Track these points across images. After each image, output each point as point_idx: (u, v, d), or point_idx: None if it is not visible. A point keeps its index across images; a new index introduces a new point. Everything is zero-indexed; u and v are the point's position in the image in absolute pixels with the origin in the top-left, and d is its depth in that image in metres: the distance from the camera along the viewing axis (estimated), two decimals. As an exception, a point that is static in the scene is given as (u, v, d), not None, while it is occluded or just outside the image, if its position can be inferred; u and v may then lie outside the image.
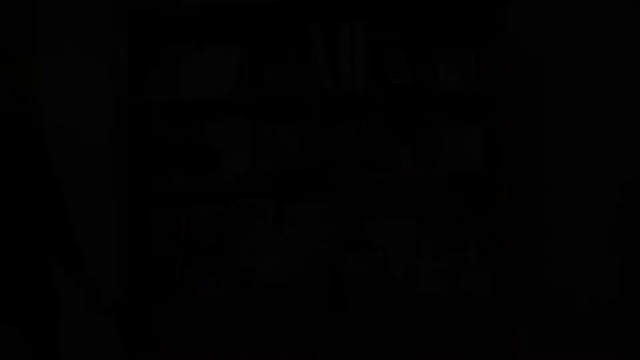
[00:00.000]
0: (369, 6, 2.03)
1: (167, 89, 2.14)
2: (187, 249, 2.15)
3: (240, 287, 2.05)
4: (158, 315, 1.95)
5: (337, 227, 2.32)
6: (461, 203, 2.31)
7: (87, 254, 2.32)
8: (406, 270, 2.22)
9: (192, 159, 2.34)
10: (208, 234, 2.18)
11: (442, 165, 2.28)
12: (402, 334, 1.91)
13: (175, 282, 2.06)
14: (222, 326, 1.94)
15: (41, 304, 1.61)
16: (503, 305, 1.93)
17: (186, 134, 2.39)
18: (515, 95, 2.35)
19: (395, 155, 2.31)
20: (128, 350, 1.91)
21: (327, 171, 2.19)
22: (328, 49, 2.14)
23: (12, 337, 1.54)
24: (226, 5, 2.02)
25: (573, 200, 2.40)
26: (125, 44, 2.07)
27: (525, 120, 2.39)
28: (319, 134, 2.25)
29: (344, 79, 2.11)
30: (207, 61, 2.20)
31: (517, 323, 1.91)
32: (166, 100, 2.14)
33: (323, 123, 2.28)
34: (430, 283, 2.08)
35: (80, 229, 2.32)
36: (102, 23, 2.30)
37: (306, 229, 2.19)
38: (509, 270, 2.13)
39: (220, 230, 2.22)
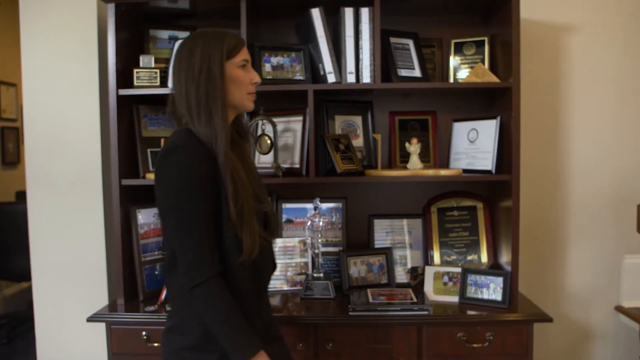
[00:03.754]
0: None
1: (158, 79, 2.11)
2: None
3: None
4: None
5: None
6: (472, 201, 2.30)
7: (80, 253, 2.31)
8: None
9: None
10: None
11: (452, 162, 2.27)
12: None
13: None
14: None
15: None
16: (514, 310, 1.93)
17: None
18: (529, 87, 2.33)
19: (403, 151, 2.30)
20: None
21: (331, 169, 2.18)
22: (331, 37, 2.11)
23: None
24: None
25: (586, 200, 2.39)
26: (112, 32, 2.04)
27: (539, 113, 2.37)
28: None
29: (348, 70, 2.09)
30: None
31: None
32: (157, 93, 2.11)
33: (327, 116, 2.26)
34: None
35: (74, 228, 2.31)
36: (89, 11, 2.26)
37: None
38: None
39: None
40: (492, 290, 1.99)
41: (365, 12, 2.07)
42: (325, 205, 2.30)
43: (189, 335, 1.37)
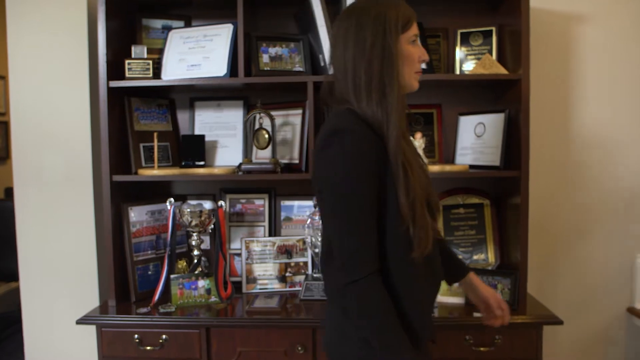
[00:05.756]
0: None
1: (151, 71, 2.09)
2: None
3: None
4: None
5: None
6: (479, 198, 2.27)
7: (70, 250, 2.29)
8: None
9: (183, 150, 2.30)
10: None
11: (458, 157, 2.25)
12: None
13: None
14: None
15: None
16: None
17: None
18: (539, 79, 2.30)
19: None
20: None
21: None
22: (332, 27, 2.08)
23: None
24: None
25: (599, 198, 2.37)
26: (102, 21, 2.01)
27: (549, 106, 2.34)
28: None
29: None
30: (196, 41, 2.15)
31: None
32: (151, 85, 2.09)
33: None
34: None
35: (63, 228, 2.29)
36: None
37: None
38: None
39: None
40: (500, 291, 1.97)
41: None
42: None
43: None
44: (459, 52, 2.25)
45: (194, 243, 2.12)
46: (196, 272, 2.08)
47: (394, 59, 1.24)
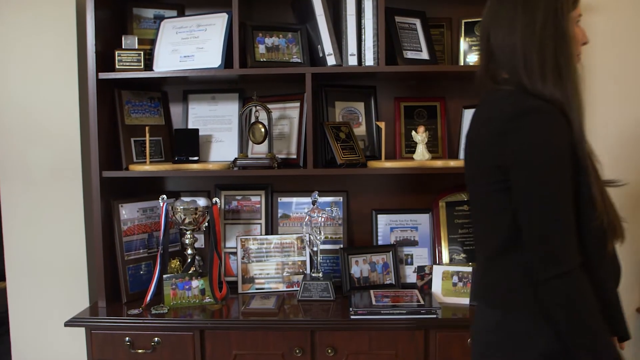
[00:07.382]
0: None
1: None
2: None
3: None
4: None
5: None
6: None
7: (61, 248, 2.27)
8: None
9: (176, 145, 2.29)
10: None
11: (462, 152, 2.23)
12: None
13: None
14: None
15: None
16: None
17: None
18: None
19: (409, 140, 2.27)
20: None
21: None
22: (331, 16, 2.06)
23: None
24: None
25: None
26: (91, 10, 1.98)
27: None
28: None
29: (349, 52, 2.05)
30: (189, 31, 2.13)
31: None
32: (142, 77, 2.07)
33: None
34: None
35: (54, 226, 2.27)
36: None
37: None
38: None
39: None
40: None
41: (369, -12, 2.03)
42: (324, 199, 2.26)
43: (544, 340, 1.16)
44: (463, 43, 2.23)
45: (187, 241, 2.11)
46: (190, 271, 2.07)
47: (567, 38, 1.20)
